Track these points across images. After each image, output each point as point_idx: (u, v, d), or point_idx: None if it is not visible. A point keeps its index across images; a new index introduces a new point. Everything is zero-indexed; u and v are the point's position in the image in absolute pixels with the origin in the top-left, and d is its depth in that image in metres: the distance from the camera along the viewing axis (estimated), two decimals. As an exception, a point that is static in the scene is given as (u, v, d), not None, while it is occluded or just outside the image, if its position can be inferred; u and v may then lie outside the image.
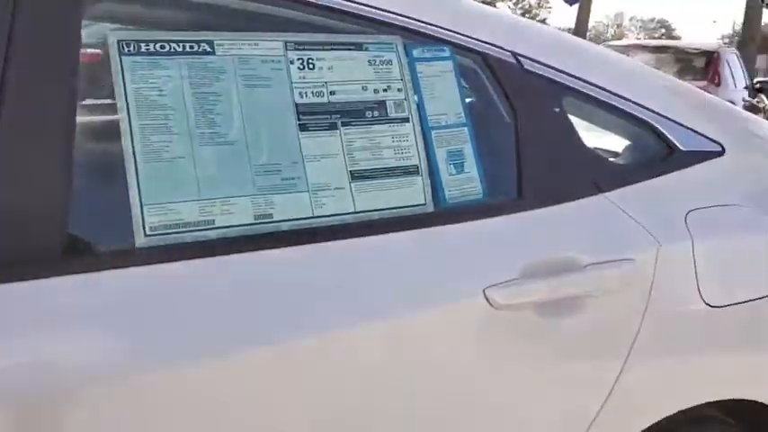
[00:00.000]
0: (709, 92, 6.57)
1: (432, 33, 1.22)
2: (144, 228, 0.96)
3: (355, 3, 1.15)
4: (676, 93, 1.52)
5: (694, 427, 1.39)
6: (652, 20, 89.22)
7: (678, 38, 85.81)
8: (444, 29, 1.22)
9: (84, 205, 0.94)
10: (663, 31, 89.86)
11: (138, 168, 0.96)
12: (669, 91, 1.51)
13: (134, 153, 0.97)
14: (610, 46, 9.13)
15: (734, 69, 8.08)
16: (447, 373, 1.12)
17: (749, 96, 8.53)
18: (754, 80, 10.74)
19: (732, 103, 7.96)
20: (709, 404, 1.34)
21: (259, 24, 1.11)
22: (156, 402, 0.93)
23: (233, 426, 0.98)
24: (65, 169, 0.93)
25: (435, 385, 1.11)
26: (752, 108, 8.85)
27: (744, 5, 13.39)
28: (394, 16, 1.18)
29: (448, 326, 1.12)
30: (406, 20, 1.19)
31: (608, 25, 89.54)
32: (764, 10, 13.66)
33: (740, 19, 12.84)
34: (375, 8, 1.17)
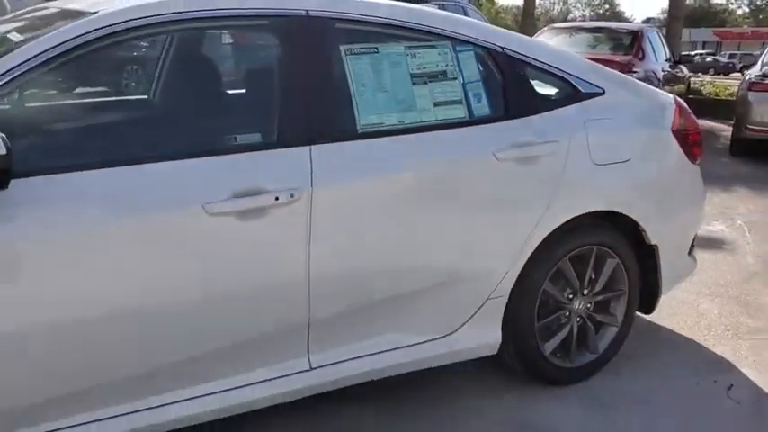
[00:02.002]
0: (633, 64, 8.27)
1: (463, 39, 2.65)
2: (359, 124, 2.38)
3: (431, 26, 2.58)
4: (579, 62, 2.99)
5: (587, 226, 2.86)
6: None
7: (622, 12, 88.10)
8: (469, 36, 2.66)
9: (341, 117, 2.36)
10: (607, 6, 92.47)
11: (357, 102, 2.38)
12: (575, 61, 2.97)
13: (354, 96, 2.38)
14: (555, 28, 10.65)
15: (655, 45, 9.66)
16: (473, 192, 2.57)
17: (669, 68, 10.14)
18: (680, 53, 12.39)
19: (653, 72, 9.52)
20: (581, 216, 2.81)
21: (394, 38, 2.52)
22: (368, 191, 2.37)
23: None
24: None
25: (460, 200, 2.56)
26: (673, 77, 10.48)
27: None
28: (447, 31, 2.61)
29: (479, 166, 2.57)
30: (453, 33, 2.62)
31: (554, 2, 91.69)
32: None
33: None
34: (440, 28, 2.60)
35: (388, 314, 2.49)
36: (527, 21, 18.02)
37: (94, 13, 2.10)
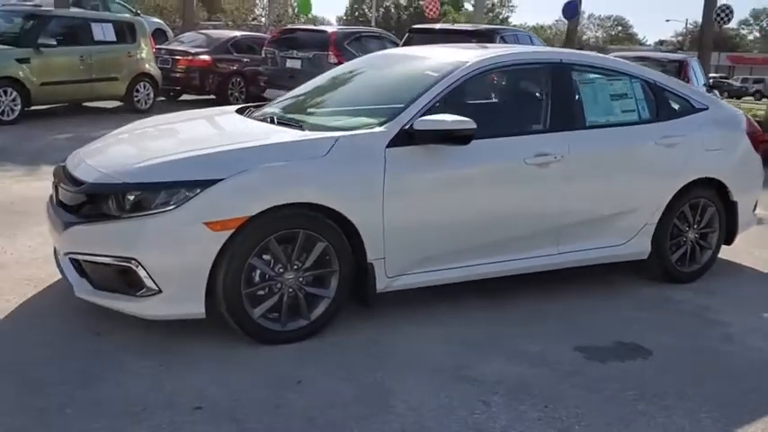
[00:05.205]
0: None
1: (633, 74, 4.67)
2: (587, 121, 4.39)
3: (620, 69, 4.61)
4: (695, 90, 5.01)
5: (697, 186, 4.84)
6: (609, 17, 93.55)
7: (635, 35, 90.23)
8: (638, 74, 4.69)
9: (578, 117, 4.37)
10: (620, 28, 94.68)
11: (585, 109, 4.40)
12: (693, 89, 4.99)
13: (584, 106, 4.40)
14: (619, 55, 12.68)
15: (696, 73, 11.69)
16: (641, 162, 4.57)
17: (706, 92, 12.15)
18: (709, 78, 14.41)
19: (696, 95, 11.23)
20: (696, 180, 4.79)
21: (602, 74, 4.54)
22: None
23: None
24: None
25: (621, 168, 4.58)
26: (708, 99, 12.47)
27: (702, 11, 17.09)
28: (627, 71, 4.64)
29: (645, 147, 4.58)
30: (630, 72, 4.65)
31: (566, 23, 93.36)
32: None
33: (692, 17, 16.42)
34: (624, 69, 4.63)
35: (598, 227, 4.46)
36: (568, 46, 20.12)
37: (466, 62, 4.13)
